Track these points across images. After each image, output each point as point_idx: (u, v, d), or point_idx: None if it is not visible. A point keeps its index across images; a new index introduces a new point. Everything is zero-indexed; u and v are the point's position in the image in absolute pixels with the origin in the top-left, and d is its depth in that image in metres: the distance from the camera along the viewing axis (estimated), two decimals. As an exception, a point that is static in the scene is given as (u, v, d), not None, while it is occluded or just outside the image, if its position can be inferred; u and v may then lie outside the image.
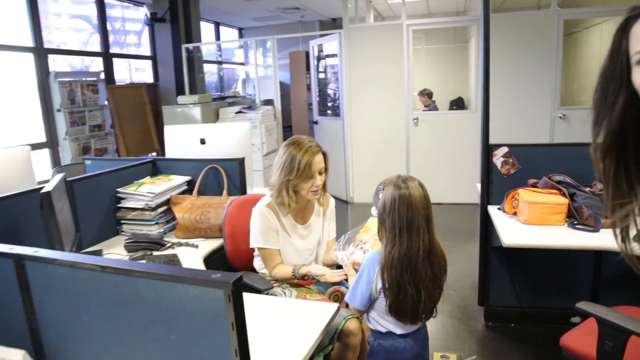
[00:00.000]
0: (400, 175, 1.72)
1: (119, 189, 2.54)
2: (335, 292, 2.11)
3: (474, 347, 2.70)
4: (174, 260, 2.13)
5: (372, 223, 2.11)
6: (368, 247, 2.01)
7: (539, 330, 2.86)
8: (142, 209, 2.49)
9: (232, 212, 2.29)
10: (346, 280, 1.98)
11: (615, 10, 5.34)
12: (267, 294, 2.05)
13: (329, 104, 6.51)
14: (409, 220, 1.61)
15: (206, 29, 8.60)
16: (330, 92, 6.51)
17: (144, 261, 2.14)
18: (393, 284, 1.62)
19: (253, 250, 2.18)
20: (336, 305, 1.67)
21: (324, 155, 2.07)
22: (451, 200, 5.59)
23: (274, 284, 2.10)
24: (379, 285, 1.66)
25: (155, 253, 2.24)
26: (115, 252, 2.30)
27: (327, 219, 2.25)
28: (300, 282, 2.15)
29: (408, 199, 1.62)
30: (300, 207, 2.13)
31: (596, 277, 2.79)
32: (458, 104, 8.27)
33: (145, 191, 2.51)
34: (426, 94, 6.99)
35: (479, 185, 2.88)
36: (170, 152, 3.19)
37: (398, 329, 1.72)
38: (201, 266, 2.15)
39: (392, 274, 1.62)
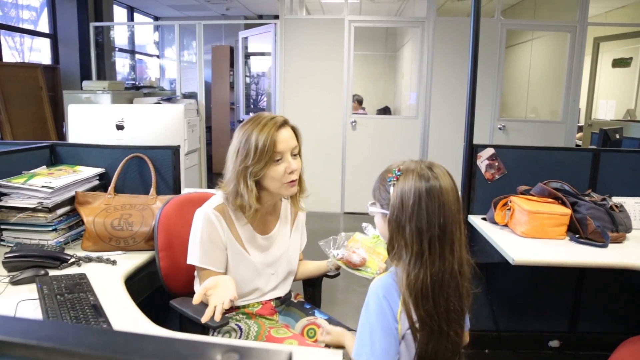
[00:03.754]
0: (420, 160, 1.18)
1: (-1, 181, 1.82)
2: (310, 326, 1.59)
3: (452, 381, 2.30)
4: (81, 283, 1.47)
5: (358, 238, 1.63)
6: (362, 253, 1.54)
7: (515, 357, 2.54)
8: (34, 210, 1.79)
9: (169, 216, 1.67)
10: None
11: (555, 25, 5.39)
12: (219, 332, 1.48)
13: (259, 104, 5.97)
14: (441, 227, 1.09)
15: (118, 15, 7.62)
16: (255, 90, 5.96)
17: (34, 286, 1.46)
18: (426, 322, 1.10)
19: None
20: (339, 353, 1.15)
21: (295, 131, 1.51)
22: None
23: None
24: (405, 325, 1.12)
25: (52, 273, 1.56)
26: (-12, 270, 1.58)
27: (299, 230, 1.72)
28: (261, 312, 1.59)
29: (440, 195, 1.09)
30: (263, 212, 1.57)
31: (577, 299, 2.53)
32: (385, 113, 8.13)
33: (40, 184, 1.81)
34: (356, 100, 6.68)
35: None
36: (75, 141, 2.48)
37: None
38: (122, 290, 1.52)
39: (423, 308, 1.10)
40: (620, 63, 6.04)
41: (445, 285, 1.11)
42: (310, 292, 1.81)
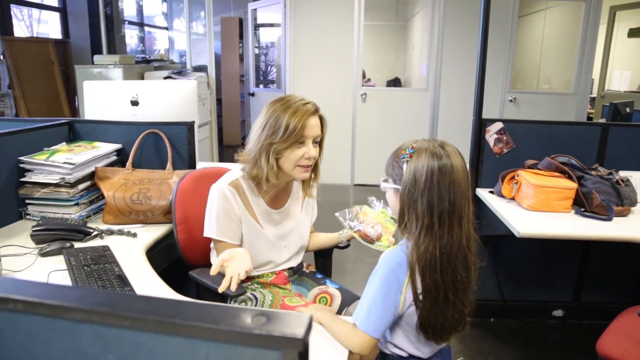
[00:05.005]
0: (432, 139, 1.24)
1: (22, 158, 1.89)
2: (321, 294, 1.67)
3: (458, 347, 2.39)
4: (105, 255, 1.55)
5: (368, 212, 1.69)
6: (378, 228, 1.60)
7: (520, 325, 2.62)
8: (57, 185, 1.87)
9: (186, 190, 1.74)
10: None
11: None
12: (236, 301, 1.56)
13: (268, 76, 5.97)
14: (451, 203, 1.15)
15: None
16: (264, 62, 5.95)
17: (61, 258, 1.55)
18: (431, 291, 1.17)
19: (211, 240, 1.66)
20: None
21: (322, 120, 1.58)
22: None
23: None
24: (409, 296, 1.20)
25: (77, 245, 1.65)
26: (17, 244, 1.67)
27: (309, 208, 1.78)
28: (275, 282, 1.67)
29: (451, 172, 1.15)
30: (277, 188, 1.64)
31: (582, 270, 2.59)
32: (395, 84, 8.06)
33: (61, 161, 1.88)
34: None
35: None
36: (91, 116, 2.53)
37: (425, 351, 1.29)
38: (144, 261, 1.60)
39: (431, 278, 1.16)
40: (637, 33, 5.92)
41: (453, 257, 1.18)
42: (322, 263, 1.89)
